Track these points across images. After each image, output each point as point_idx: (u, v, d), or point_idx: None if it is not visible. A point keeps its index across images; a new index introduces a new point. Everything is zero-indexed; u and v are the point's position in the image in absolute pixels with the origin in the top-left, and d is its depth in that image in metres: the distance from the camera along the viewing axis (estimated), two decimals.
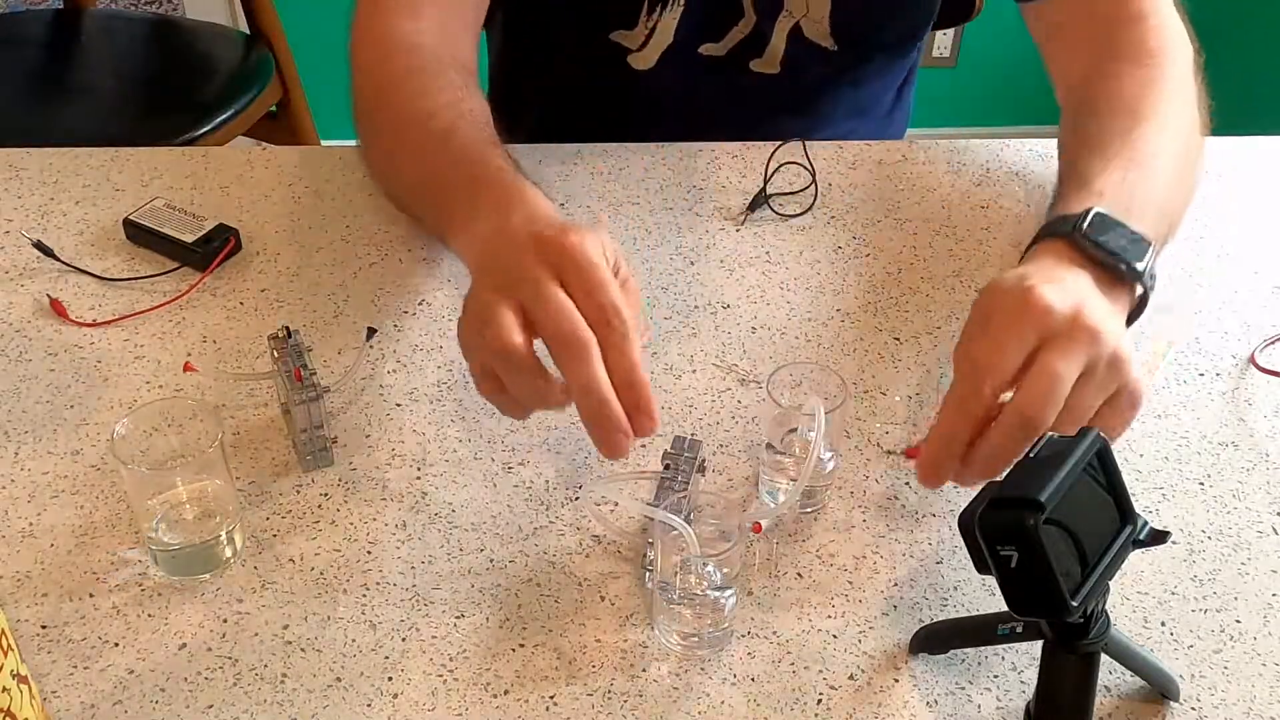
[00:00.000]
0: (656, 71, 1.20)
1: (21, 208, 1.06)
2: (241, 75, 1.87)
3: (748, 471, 0.84)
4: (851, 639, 0.75)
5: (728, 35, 1.18)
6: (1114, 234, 0.80)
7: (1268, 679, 0.73)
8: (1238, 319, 0.98)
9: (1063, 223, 0.81)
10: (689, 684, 0.72)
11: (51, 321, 0.95)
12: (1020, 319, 0.73)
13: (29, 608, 0.75)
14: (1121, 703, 0.72)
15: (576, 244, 0.75)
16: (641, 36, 1.18)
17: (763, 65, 1.20)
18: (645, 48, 1.19)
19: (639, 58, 1.19)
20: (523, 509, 0.82)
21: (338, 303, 0.97)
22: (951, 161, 1.14)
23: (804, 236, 1.05)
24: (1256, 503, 0.83)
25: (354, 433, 0.87)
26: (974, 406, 0.73)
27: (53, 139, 1.33)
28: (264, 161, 1.12)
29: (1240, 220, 1.08)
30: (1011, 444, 0.72)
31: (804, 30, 1.17)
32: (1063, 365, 0.71)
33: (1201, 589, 0.78)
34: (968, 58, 2.73)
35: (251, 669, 0.72)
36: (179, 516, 0.78)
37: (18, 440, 0.86)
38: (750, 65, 1.20)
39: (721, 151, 1.14)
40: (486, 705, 0.71)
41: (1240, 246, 1.05)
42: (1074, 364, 0.72)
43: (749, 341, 0.95)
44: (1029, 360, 0.72)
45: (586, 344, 0.72)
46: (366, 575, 0.78)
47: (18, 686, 0.60)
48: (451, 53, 1.03)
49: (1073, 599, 0.61)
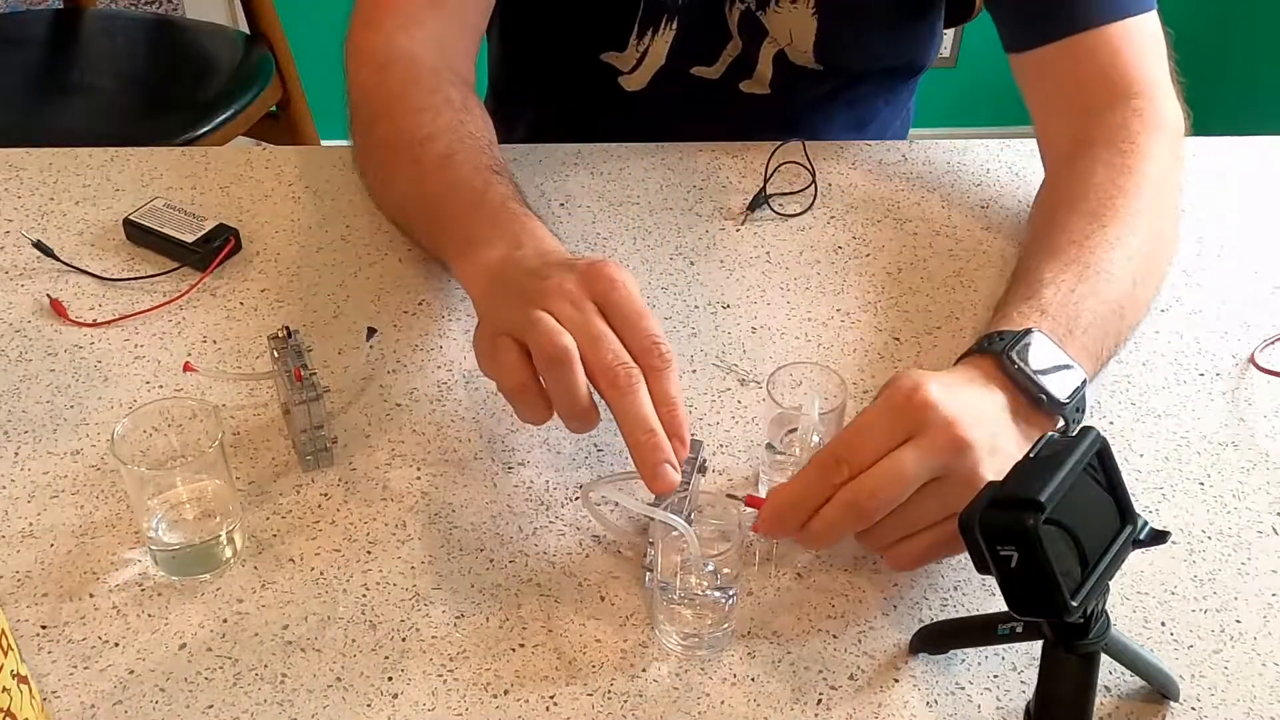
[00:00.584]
0: (648, 92, 1.19)
1: (21, 208, 1.06)
2: (241, 75, 1.87)
3: (748, 471, 0.84)
4: (851, 639, 0.75)
5: (720, 58, 1.17)
6: (1045, 361, 0.77)
7: (1268, 679, 0.73)
8: (1238, 319, 0.98)
9: (998, 340, 0.78)
10: (689, 684, 0.72)
11: (51, 321, 0.95)
12: (898, 411, 0.71)
13: (29, 608, 0.75)
14: (1121, 703, 0.72)
15: (619, 274, 0.76)
16: (632, 59, 1.17)
17: (752, 86, 1.19)
18: (637, 70, 1.18)
19: (630, 79, 1.19)
20: (523, 509, 0.82)
21: (338, 303, 0.97)
22: (951, 161, 1.14)
23: (804, 236, 1.05)
24: (1256, 503, 0.83)
25: (354, 433, 0.87)
26: (823, 481, 0.72)
27: (53, 139, 1.33)
28: (264, 161, 1.12)
29: (1240, 220, 1.08)
30: (841, 523, 0.72)
31: (789, 56, 1.16)
32: (912, 465, 0.70)
33: (1201, 589, 0.78)
34: (968, 58, 2.73)
35: (251, 669, 0.72)
36: (179, 516, 0.78)
37: (18, 440, 0.86)
38: (740, 86, 1.19)
39: (721, 151, 1.14)
40: (486, 705, 0.71)
41: (1240, 246, 1.05)
42: (925, 467, 0.70)
43: (749, 341, 0.95)
44: None
45: (633, 377, 0.73)
46: (366, 575, 0.78)
47: (18, 686, 0.60)
48: (451, 66, 1.02)
49: (1073, 599, 0.61)
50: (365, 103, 1.02)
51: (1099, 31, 1.00)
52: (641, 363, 0.74)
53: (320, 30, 1.67)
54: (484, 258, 0.83)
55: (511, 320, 0.76)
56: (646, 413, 0.73)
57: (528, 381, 0.75)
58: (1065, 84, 1.02)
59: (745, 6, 1.13)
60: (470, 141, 0.95)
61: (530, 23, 1.22)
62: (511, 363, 0.75)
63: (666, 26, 1.14)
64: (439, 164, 0.93)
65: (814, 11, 1.12)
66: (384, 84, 1.00)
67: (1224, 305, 0.99)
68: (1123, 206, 0.91)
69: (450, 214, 0.91)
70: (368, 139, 1.02)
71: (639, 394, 0.73)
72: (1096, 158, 0.95)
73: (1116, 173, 0.94)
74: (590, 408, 0.75)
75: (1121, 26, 1.00)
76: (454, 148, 0.94)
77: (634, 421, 0.72)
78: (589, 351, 0.74)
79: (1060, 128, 1.02)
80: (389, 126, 0.98)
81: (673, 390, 0.74)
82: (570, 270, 0.77)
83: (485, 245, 0.84)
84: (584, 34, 1.18)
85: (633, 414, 0.73)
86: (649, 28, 1.15)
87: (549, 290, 0.76)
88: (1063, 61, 1.01)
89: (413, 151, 0.95)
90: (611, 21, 1.16)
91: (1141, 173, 0.94)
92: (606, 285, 0.76)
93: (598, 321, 0.75)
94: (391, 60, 1.01)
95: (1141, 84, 0.99)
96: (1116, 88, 0.99)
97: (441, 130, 0.95)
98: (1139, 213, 0.91)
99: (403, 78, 1.00)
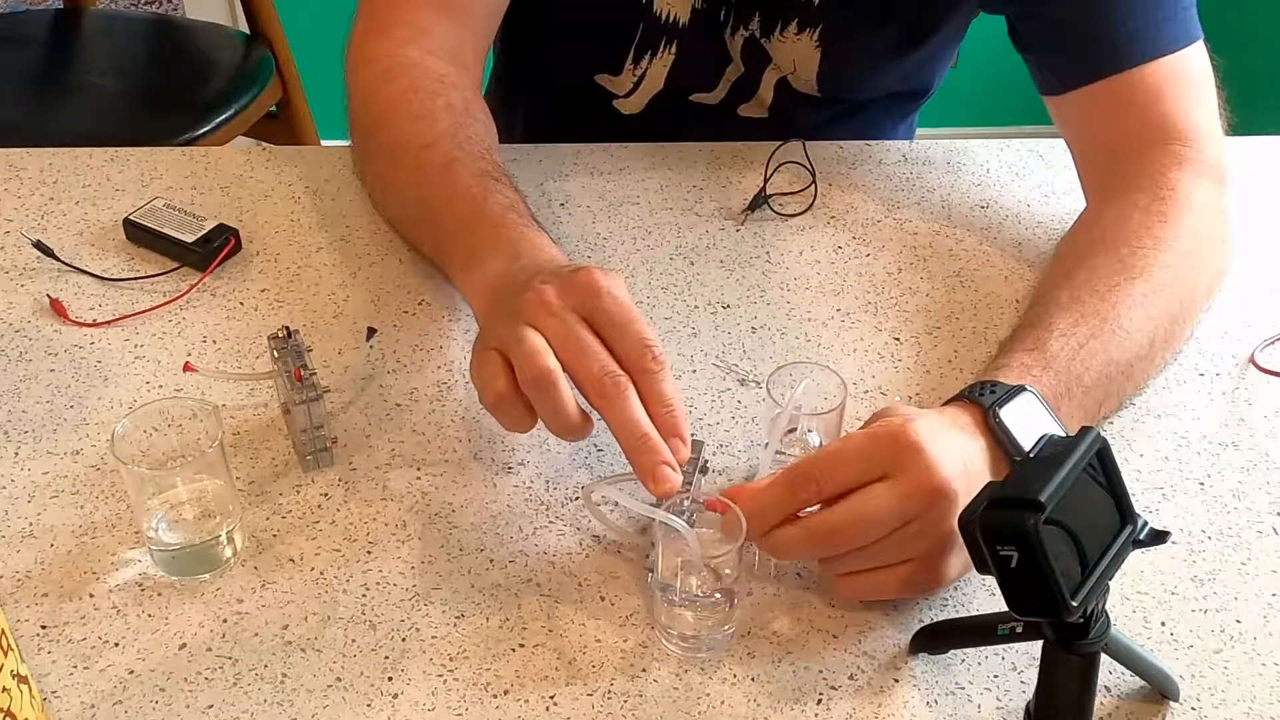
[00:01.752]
0: (645, 117, 1.18)
1: (21, 208, 1.06)
2: (241, 75, 1.87)
3: (748, 471, 0.84)
4: (851, 639, 0.75)
5: (720, 84, 1.16)
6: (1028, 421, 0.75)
7: (1268, 679, 0.73)
8: (1238, 319, 0.97)
9: (989, 392, 0.77)
10: (689, 684, 0.72)
11: (51, 321, 0.95)
12: (881, 446, 0.71)
13: (29, 608, 0.75)
14: (1121, 703, 0.72)
15: (603, 281, 0.76)
16: (628, 84, 1.16)
17: (751, 110, 1.18)
18: (633, 95, 1.17)
19: (626, 103, 1.18)
20: (523, 509, 0.82)
21: (338, 303, 0.97)
22: (951, 161, 1.14)
23: (804, 236, 1.05)
24: (1256, 503, 0.83)
25: (354, 433, 0.87)
26: (790, 495, 0.72)
27: (53, 139, 1.33)
28: (264, 161, 1.12)
29: (1240, 220, 1.07)
30: (801, 548, 0.72)
31: (791, 83, 1.15)
32: (884, 509, 0.70)
33: (1201, 589, 0.78)
34: (968, 58, 2.72)
35: (251, 669, 0.72)
36: (179, 516, 0.78)
37: (18, 440, 0.86)
38: (739, 110, 1.18)
39: (721, 151, 1.14)
40: (486, 705, 0.71)
41: (1240, 246, 1.05)
42: (896, 513, 0.70)
43: (749, 341, 0.95)
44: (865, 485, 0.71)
45: (622, 384, 0.73)
46: (366, 575, 0.78)
47: (18, 686, 0.60)
48: (458, 69, 1.01)
49: (1073, 599, 0.61)
50: (366, 109, 1.01)
51: (1137, 71, 0.96)
52: (634, 368, 0.74)
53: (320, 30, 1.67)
54: (485, 271, 0.84)
55: (500, 337, 0.76)
56: (638, 418, 0.73)
57: (505, 393, 0.75)
58: (1102, 128, 0.98)
59: (750, 33, 1.11)
60: (470, 147, 0.94)
61: (526, 38, 1.21)
62: (490, 375, 0.75)
63: (665, 50, 1.13)
64: (439, 172, 0.93)
65: (817, 44, 1.10)
66: (386, 91, 1.00)
67: (1224, 305, 0.99)
68: (1154, 261, 0.88)
69: (451, 226, 0.90)
70: (368, 145, 1.02)
71: (628, 401, 0.73)
72: (1135, 204, 0.92)
73: (1154, 220, 0.91)
74: (579, 423, 0.74)
75: (1163, 64, 0.96)
76: (453, 154, 0.93)
77: (626, 428, 0.73)
78: (575, 365, 0.74)
79: (1098, 172, 0.99)
80: (390, 133, 0.98)
81: (668, 391, 0.74)
82: (556, 280, 0.77)
83: (487, 259, 0.84)
84: (579, 53, 1.17)
85: (624, 421, 0.73)
86: (646, 51, 1.14)
87: (533, 304, 0.75)
88: (1100, 105, 0.98)
89: (413, 159, 0.95)
90: (608, 42, 1.15)
91: (1179, 222, 0.91)
92: (591, 294, 0.75)
93: (583, 334, 0.74)
94: (397, 68, 1.00)
95: (1182, 127, 0.96)
96: (1157, 131, 0.96)
97: (441, 136, 0.95)
98: (1169, 267, 0.88)
99: (406, 85, 0.99)
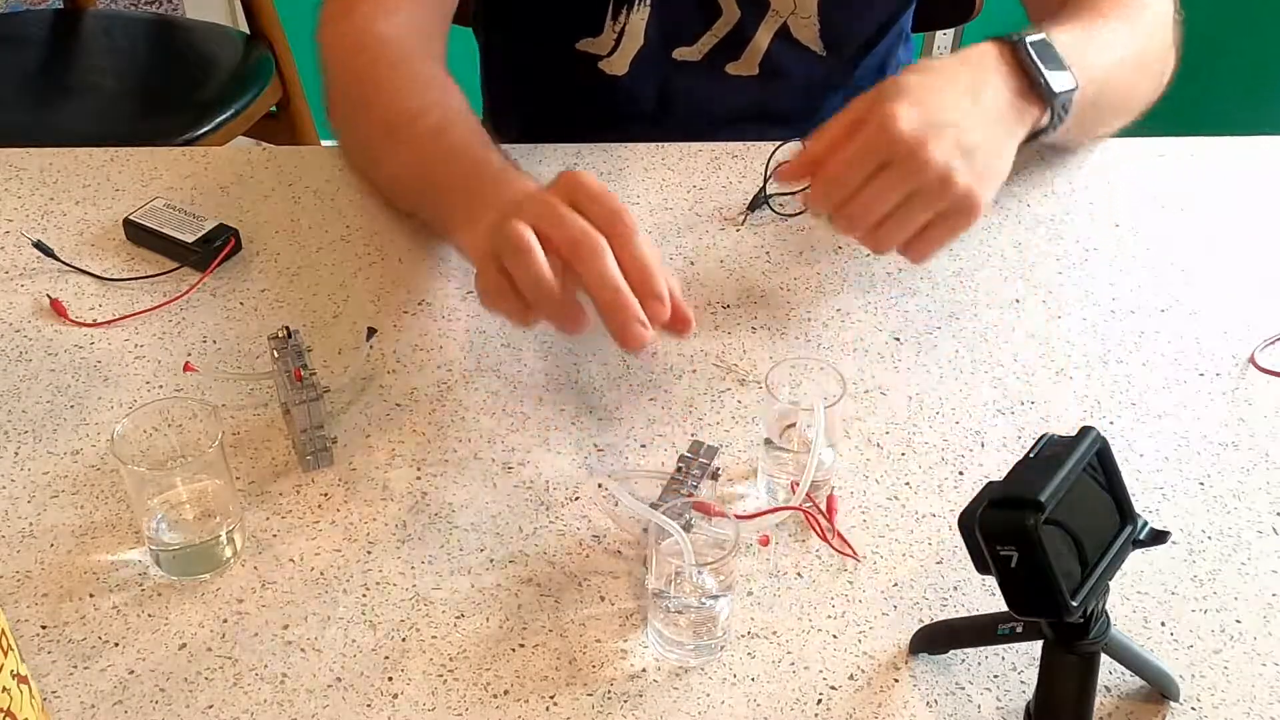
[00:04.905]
0: (631, 78, 1.19)
1: (21, 208, 1.06)
2: (241, 75, 1.87)
3: (748, 471, 0.84)
4: (851, 639, 0.75)
5: (702, 38, 1.17)
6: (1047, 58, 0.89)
7: (1268, 679, 0.73)
8: (1238, 319, 0.97)
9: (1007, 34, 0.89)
10: (689, 684, 0.72)
11: (51, 321, 0.95)
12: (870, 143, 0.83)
13: (29, 608, 0.75)
14: (1121, 703, 0.72)
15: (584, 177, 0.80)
16: (610, 42, 1.17)
17: (739, 68, 1.19)
18: (615, 53, 1.18)
19: (610, 63, 1.19)
20: (523, 509, 0.82)
21: (338, 303, 0.97)
22: None
23: (804, 236, 1.05)
24: (1256, 503, 0.83)
25: (354, 433, 0.87)
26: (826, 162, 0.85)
27: (53, 139, 1.33)
28: (264, 161, 1.12)
29: (1240, 220, 1.08)
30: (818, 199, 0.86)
31: (791, 30, 1.16)
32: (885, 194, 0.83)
33: (1201, 589, 0.78)
34: None
35: (251, 669, 0.72)
36: (179, 516, 0.78)
37: (18, 440, 0.86)
38: (726, 69, 1.19)
39: (721, 151, 1.14)
40: (486, 705, 0.71)
41: (1240, 246, 1.05)
42: (895, 193, 0.83)
43: (749, 341, 0.95)
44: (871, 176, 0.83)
45: (596, 242, 0.76)
46: (366, 575, 0.78)
47: (18, 686, 0.60)
48: (425, 47, 1.04)
49: (1073, 599, 0.61)
50: (347, 86, 1.03)
51: None
52: (607, 233, 0.77)
53: None
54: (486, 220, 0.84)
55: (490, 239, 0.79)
56: (611, 273, 0.76)
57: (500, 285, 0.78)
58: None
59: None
60: (459, 117, 0.97)
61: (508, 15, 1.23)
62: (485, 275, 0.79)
63: (641, 2, 1.15)
64: (433, 136, 0.95)
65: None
66: (365, 66, 1.02)
67: (1224, 305, 0.99)
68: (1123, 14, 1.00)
69: (450, 184, 0.93)
70: (354, 120, 1.04)
71: (603, 258, 0.76)
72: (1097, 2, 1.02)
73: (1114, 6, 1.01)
74: (563, 298, 0.77)
75: None
76: (447, 119, 0.96)
77: (599, 283, 0.75)
78: (554, 231, 0.77)
79: None
80: (378, 106, 1.00)
81: (642, 251, 0.77)
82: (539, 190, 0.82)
83: (490, 207, 0.85)
84: (560, 22, 1.18)
85: (597, 276, 0.75)
86: (624, 4, 1.15)
87: (519, 203, 0.80)
88: None
89: (406, 129, 0.97)
90: (585, 4, 1.16)
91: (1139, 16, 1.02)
92: (573, 183, 0.79)
93: (560, 206, 0.78)
94: (369, 44, 1.03)
95: None
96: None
97: (431, 105, 0.97)
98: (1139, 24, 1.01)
99: (384, 60, 1.01)
